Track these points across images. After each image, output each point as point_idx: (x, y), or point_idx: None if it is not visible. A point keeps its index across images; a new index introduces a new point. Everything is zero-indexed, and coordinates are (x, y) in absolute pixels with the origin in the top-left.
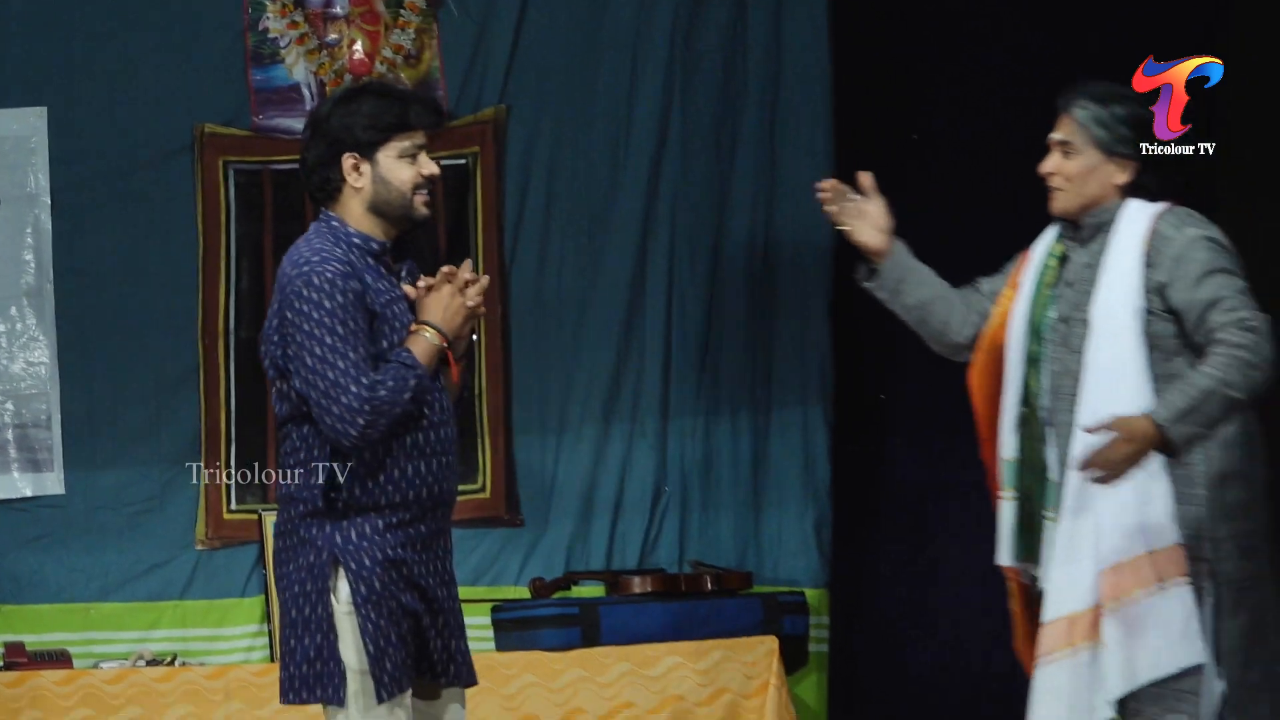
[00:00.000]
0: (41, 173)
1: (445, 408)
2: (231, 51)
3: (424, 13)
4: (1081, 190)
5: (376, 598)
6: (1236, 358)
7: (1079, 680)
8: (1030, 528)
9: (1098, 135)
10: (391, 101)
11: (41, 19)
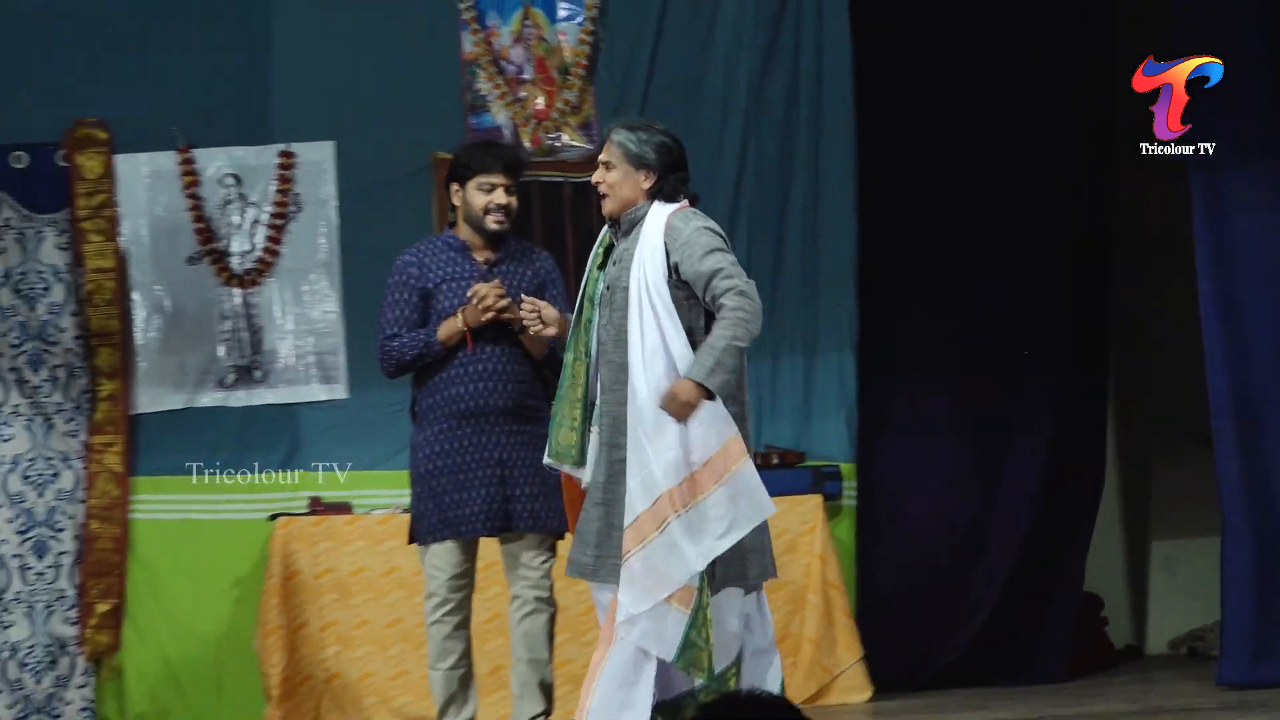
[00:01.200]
0: (330, 185)
1: (486, 355)
2: (456, 103)
3: (583, 78)
4: (619, 195)
5: (419, 475)
6: (737, 317)
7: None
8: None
9: (630, 153)
10: (479, 151)
11: (329, 77)
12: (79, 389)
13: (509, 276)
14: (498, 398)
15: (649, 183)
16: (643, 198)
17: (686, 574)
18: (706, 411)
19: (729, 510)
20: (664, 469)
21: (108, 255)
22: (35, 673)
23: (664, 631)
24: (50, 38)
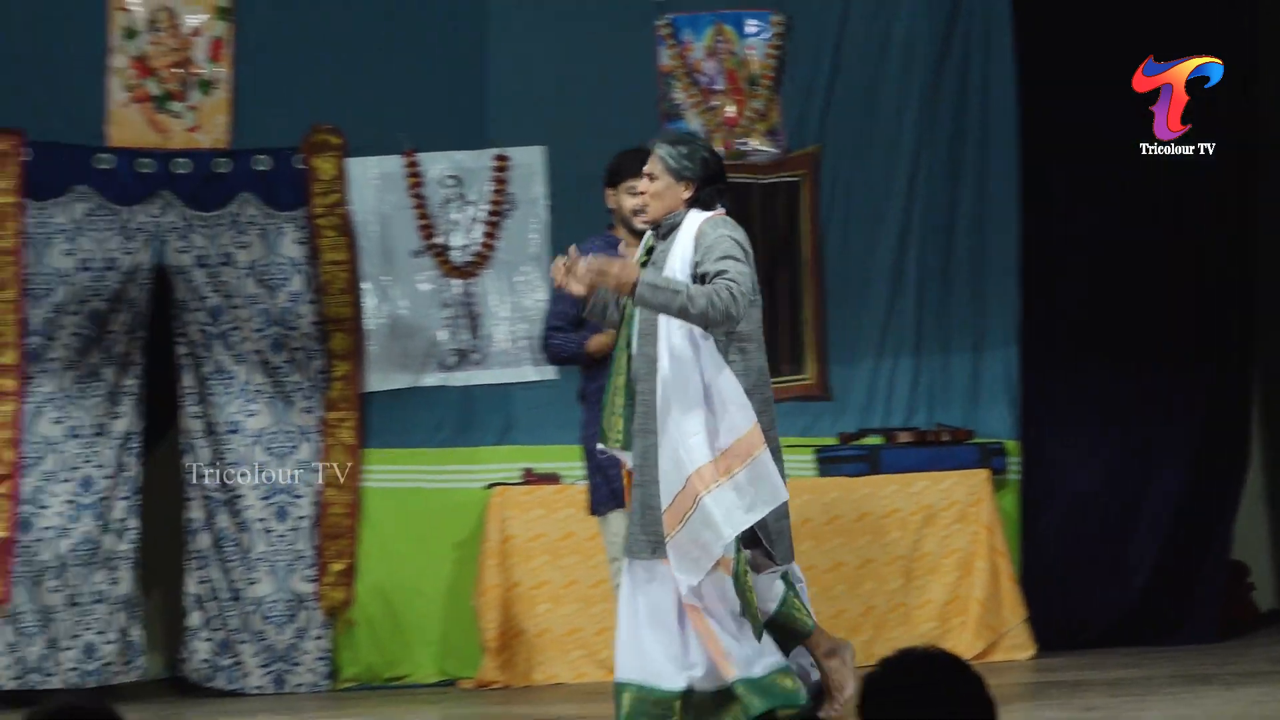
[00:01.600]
0: (540, 185)
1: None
2: (653, 111)
3: (770, 88)
4: (661, 203)
5: (588, 452)
6: (708, 294)
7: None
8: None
9: (670, 166)
10: (627, 157)
11: (539, 88)
12: (315, 370)
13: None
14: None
15: (688, 193)
16: (682, 206)
17: (721, 545)
18: (732, 399)
19: (750, 491)
20: (690, 451)
21: (341, 249)
22: (278, 625)
23: (727, 592)
24: (290, 52)
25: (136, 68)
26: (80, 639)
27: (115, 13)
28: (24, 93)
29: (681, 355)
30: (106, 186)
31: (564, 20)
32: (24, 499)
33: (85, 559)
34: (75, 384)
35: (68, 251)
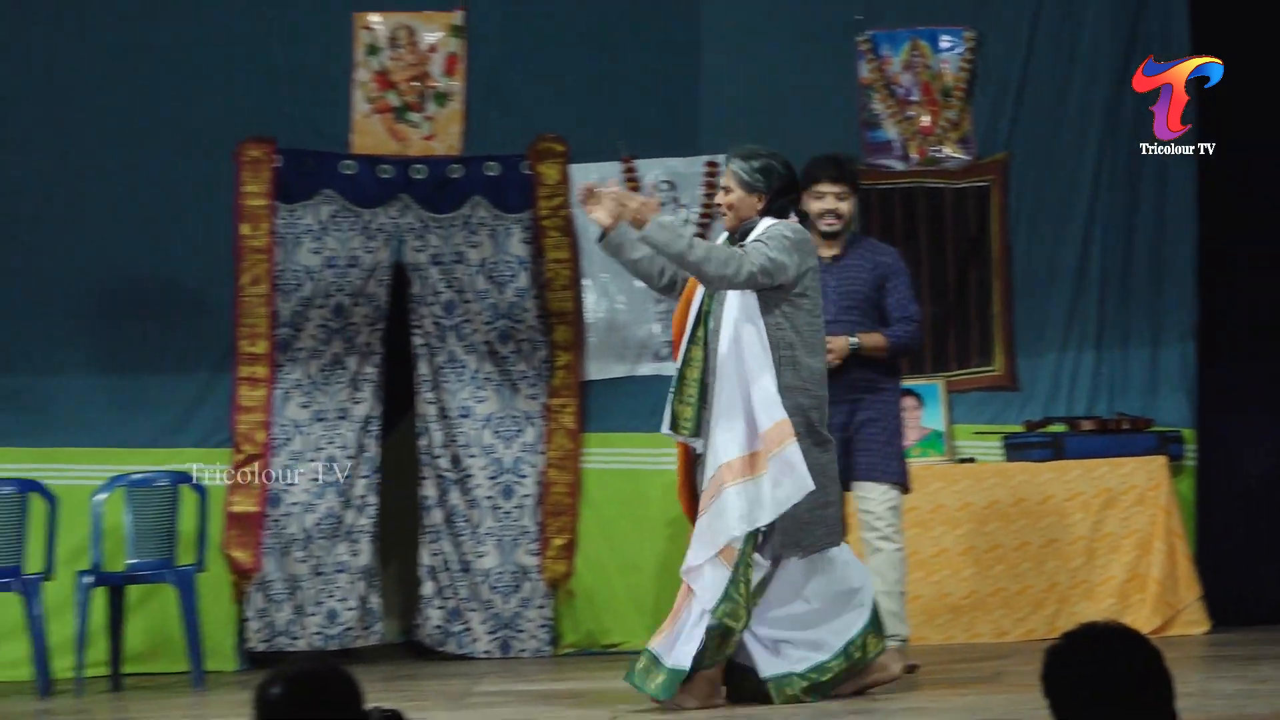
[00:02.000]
0: None
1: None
2: (853, 120)
3: (962, 99)
4: (737, 214)
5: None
6: (709, 248)
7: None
8: (684, 410)
9: (743, 180)
10: (813, 164)
11: (747, 99)
12: (539, 359)
13: (848, 269)
14: (839, 369)
15: (761, 204)
16: (755, 215)
17: (728, 536)
18: (765, 400)
19: (773, 491)
20: (728, 444)
21: (563, 248)
22: (504, 595)
23: (712, 583)
24: (518, 66)
25: (378, 81)
26: (324, 605)
27: (360, 31)
28: (276, 104)
29: (735, 353)
30: (350, 190)
31: (772, 36)
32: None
33: (329, 532)
34: (320, 371)
35: (315, 250)
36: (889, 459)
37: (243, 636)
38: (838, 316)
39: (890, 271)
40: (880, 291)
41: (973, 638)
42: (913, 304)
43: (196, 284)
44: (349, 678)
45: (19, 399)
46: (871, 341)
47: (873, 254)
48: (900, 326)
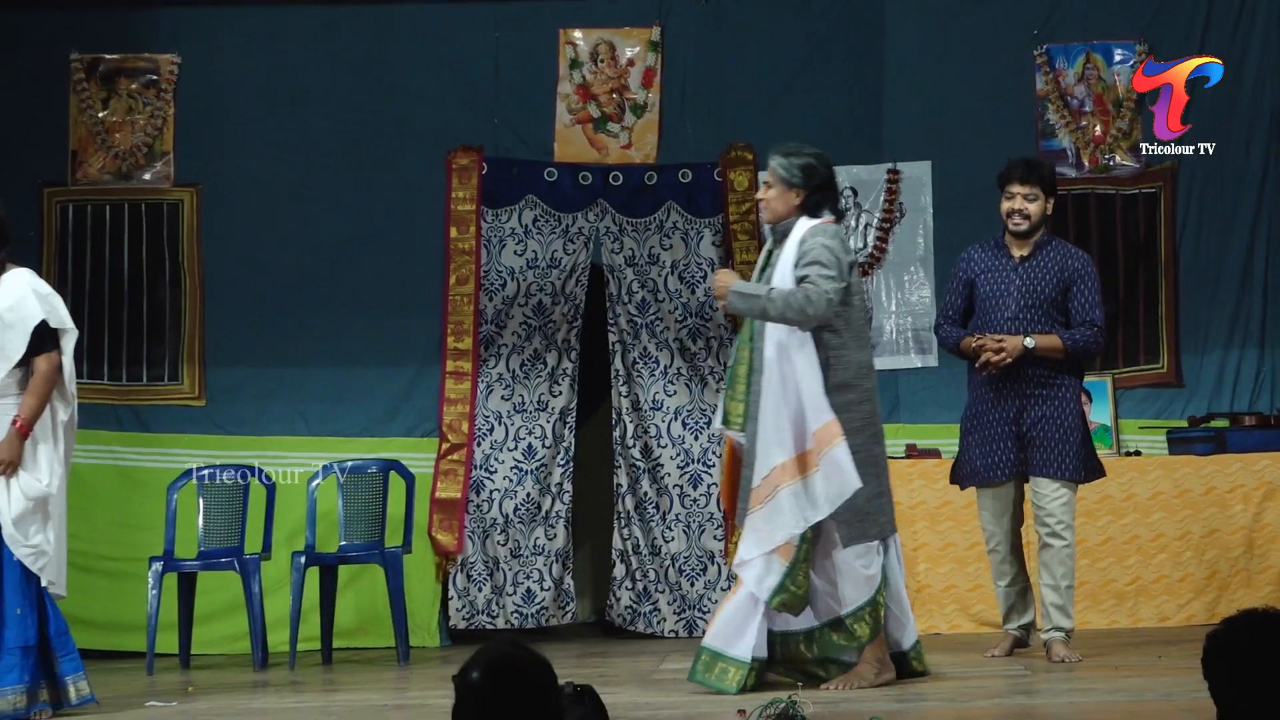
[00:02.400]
0: (927, 196)
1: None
2: (1029, 130)
3: (1133, 109)
4: (774, 209)
5: (961, 429)
6: (784, 296)
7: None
8: (735, 407)
9: (781, 176)
10: (1006, 167)
11: (927, 110)
12: (727, 356)
13: (1034, 270)
14: (1015, 367)
15: (798, 199)
16: (794, 212)
17: (786, 534)
18: (813, 400)
19: (824, 488)
20: (779, 444)
21: (752, 251)
22: (690, 578)
23: (765, 578)
24: (711, 79)
25: (580, 94)
26: (521, 586)
27: (564, 47)
28: (484, 115)
29: (781, 354)
30: (552, 196)
31: (952, 51)
32: (476, 464)
33: (527, 517)
34: (521, 366)
35: (518, 252)
36: (1065, 456)
37: (445, 615)
38: (1018, 315)
39: (1077, 275)
40: (1065, 294)
41: (1136, 623)
42: (1097, 309)
43: (407, 283)
44: (542, 660)
45: (242, 391)
46: (1047, 343)
47: (1062, 257)
48: (1080, 330)
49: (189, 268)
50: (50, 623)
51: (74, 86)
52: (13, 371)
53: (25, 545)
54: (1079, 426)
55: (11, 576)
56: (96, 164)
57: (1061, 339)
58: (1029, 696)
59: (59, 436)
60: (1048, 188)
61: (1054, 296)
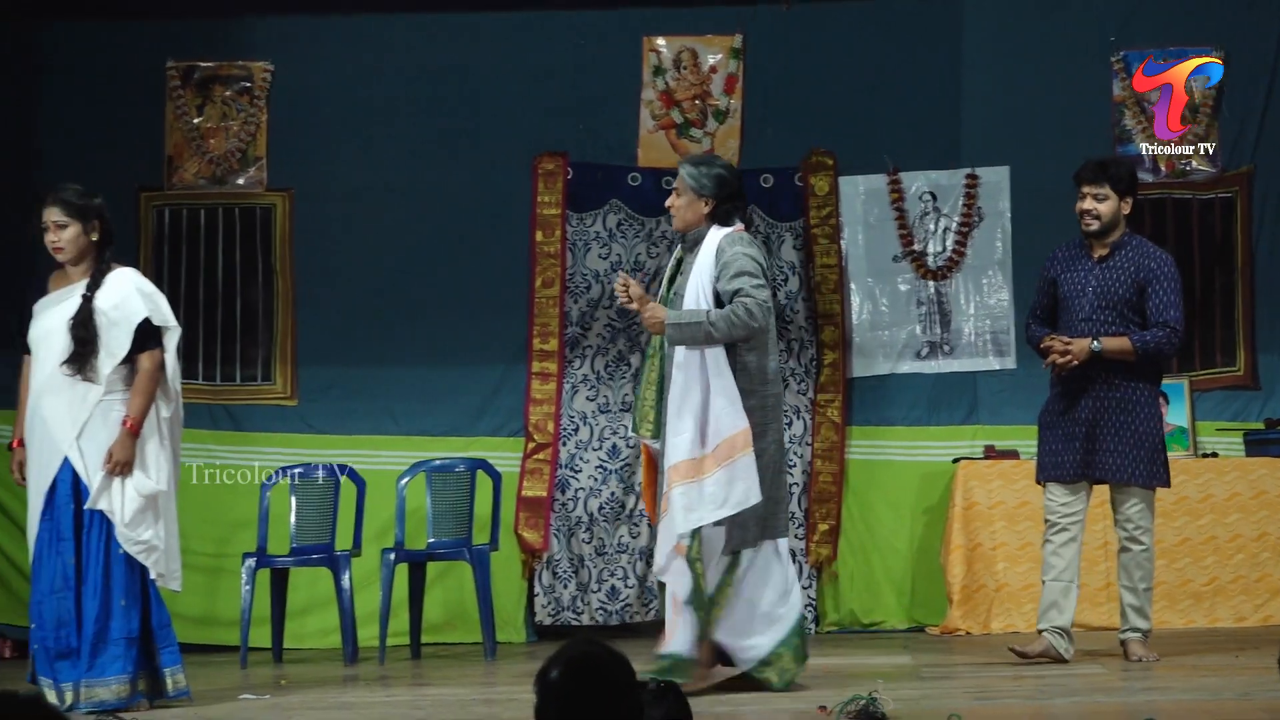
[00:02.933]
0: (1005, 200)
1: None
2: (1107, 135)
3: (1210, 114)
4: (684, 217)
5: (1040, 425)
6: (726, 316)
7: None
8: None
9: (689, 185)
10: (1080, 166)
11: (1005, 116)
12: (808, 358)
13: (1111, 270)
14: (1089, 368)
15: (708, 208)
16: (703, 220)
17: (675, 535)
18: (725, 404)
19: (724, 491)
20: (676, 447)
21: (831, 255)
22: None
23: (679, 577)
24: (792, 85)
25: (663, 100)
26: (606, 583)
27: (648, 54)
28: (569, 122)
29: (690, 358)
30: (635, 200)
31: (1029, 56)
32: (561, 464)
33: (611, 515)
34: (605, 367)
35: (602, 255)
36: (1138, 461)
37: (531, 611)
38: (1093, 315)
39: (1154, 276)
40: (1142, 295)
41: (1213, 622)
42: (1172, 310)
43: (494, 286)
44: (620, 658)
45: (332, 390)
46: (1115, 345)
47: (1140, 257)
48: (1154, 332)
49: (281, 270)
50: (153, 614)
51: (170, 94)
52: (118, 368)
53: (136, 542)
54: (1153, 432)
55: (118, 570)
56: (192, 169)
57: (1132, 341)
58: (1107, 695)
59: (164, 433)
60: (1121, 187)
61: (1129, 297)
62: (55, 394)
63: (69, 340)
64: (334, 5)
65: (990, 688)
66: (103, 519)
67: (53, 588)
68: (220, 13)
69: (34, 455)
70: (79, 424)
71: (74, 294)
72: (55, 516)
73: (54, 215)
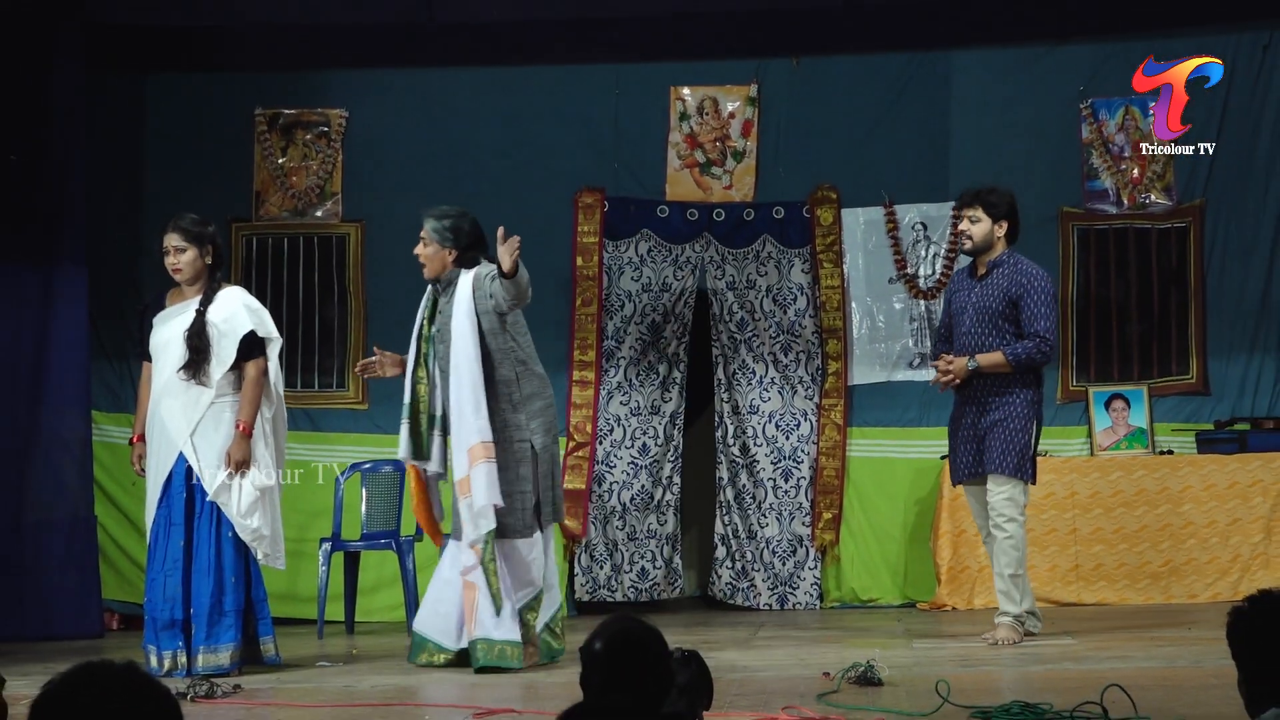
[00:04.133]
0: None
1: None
2: (1076, 172)
3: (1167, 156)
4: (434, 266)
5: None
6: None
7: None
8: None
9: (434, 238)
10: (960, 194)
11: (988, 153)
12: (814, 367)
13: (987, 287)
14: (975, 380)
15: (452, 256)
16: (450, 266)
17: (470, 536)
18: (477, 417)
19: (477, 497)
20: (459, 463)
21: (835, 277)
22: (781, 558)
23: (478, 575)
24: (801, 129)
25: (688, 142)
26: (637, 565)
27: (674, 102)
28: (606, 161)
29: (470, 379)
30: (664, 230)
31: (1010, 102)
32: (598, 460)
33: (641, 505)
34: (637, 376)
35: (634, 278)
36: (1007, 455)
37: (571, 589)
38: (972, 329)
39: (1025, 291)
40: (1016, 309)
41: (1168, 599)
42: (1040, 320)
43: (539, 305)
44: (655, 631)
45: (398, 396)
46: (990, 360)
47: (1014, 274)
48: (1024, 343)
49: (354, 291)
50: (253, 588)
51: (257, 137)
52: (227, 374)
53: (250, 530)
54: (1024, 432)
55: (228, 550)
56: (276, 203)
57: (1005, 355)
58: (1076, 663)
59: (268, 432)
60: (995, 212)
61: (1004, 310)
62: (172, 397)
63: (185, 349)
64: (401, 60)
65: (972, 656)
66: (213, 507)
67: (164, 567)
68: (302, 66)
69: (153, 450)
70: (193, 423)
71: (189, 309)
72: (170, 504)
73: (174, 240)
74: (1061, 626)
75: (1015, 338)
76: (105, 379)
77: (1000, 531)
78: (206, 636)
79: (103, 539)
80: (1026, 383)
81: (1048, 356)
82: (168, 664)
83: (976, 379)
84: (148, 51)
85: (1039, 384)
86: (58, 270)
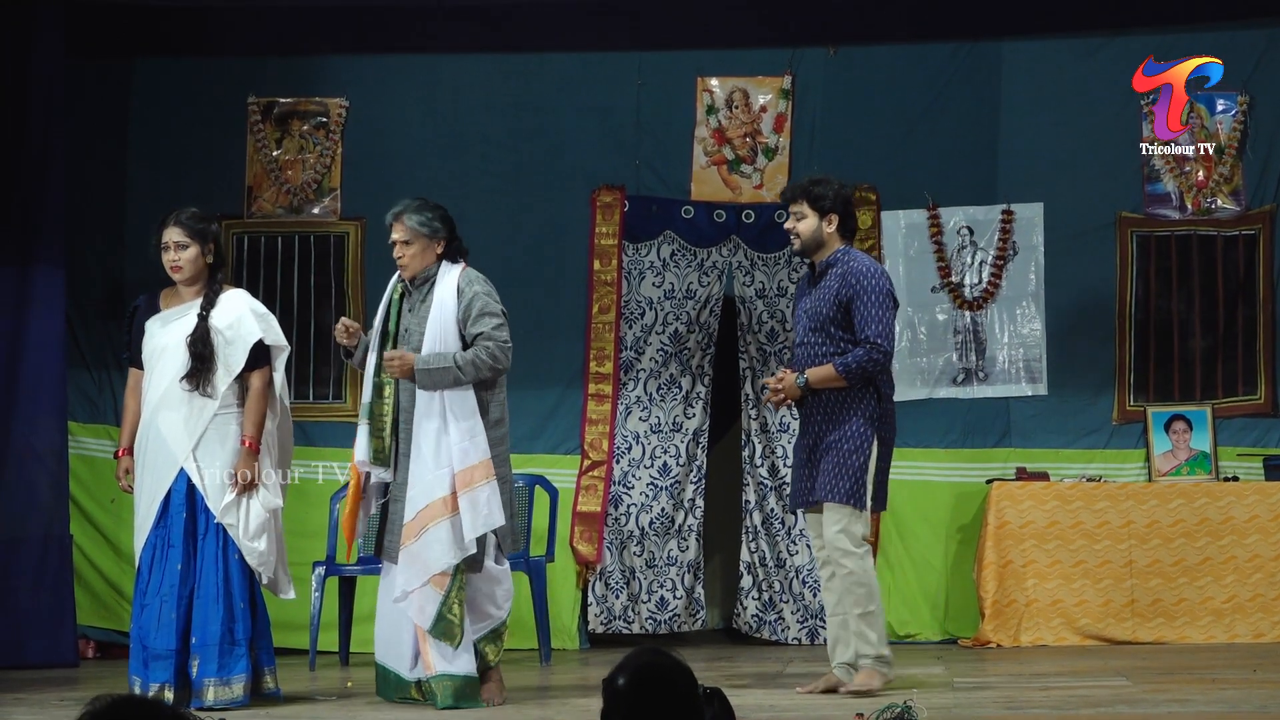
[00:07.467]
0: (1039, 235)
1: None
2: (1136, 174)
3: (1235, 156)
4: (419, 262)
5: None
6: (472, 360)
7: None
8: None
9: (420, 232)
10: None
11: (1039, 154)
12: None
13: (820, 290)
14: (811, 397)
15: (440, 248)
16: (435, 261)
17: (441, 566)
18: (463, 436)
19: (471, 521)
20: (438, 482)
21: None
22: (813, 590)
23: (425, 606)
24: (838, 124)
25: (715, 138)
26: (655, 594)
27: (701, 94)
28: (626, 157)
29: (431, 397)
30: (688, 232)
31: (1064, 98)
32: (615, 480)
33: (661, 530)
34: (658, 390)
35: (656, 284)
36: (838, 480)
37: (585, 619)
38: (805, 339)
39: (856, 292)
40: (847, 313)
41: (1232, 638)
42: (872, 325)
43: (553, 311)
44: (684, 667)
45: None
46: (820, 374)
47: (845, 274)
48: (855, 352)
49: (354, 295)
50: (258, 617)
51: (250, 127)
52: (231, 385)
53: (257, 554)
54: (858, 450)
55: (236, 575)
56: (270, 199)
57: (835, 367)
58: (1130, 706)
59: (270, 446)
60: (822, 206)
61: (834, 315)
62: (172, 408)
63: (187, 357)
64: (406, 45)
65: (1018, 698)
66: (219, 528)
67: (160, 592)
68: (299, 51)
69: (149, 466)
70: (195, 437)
71: (188, 313)
72: (168, 525)
73: (175, 236)
74: (1115, 666)
75: (852, 346)
76: (83, 387)
77: (839, 568)
78: (219, 668)
79: (78, 560)
80: (863, 397)
81: (882, 365)
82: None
83: (811, 396)
84: (133, 33)
85: (879, 398)
86: (33, 270)
